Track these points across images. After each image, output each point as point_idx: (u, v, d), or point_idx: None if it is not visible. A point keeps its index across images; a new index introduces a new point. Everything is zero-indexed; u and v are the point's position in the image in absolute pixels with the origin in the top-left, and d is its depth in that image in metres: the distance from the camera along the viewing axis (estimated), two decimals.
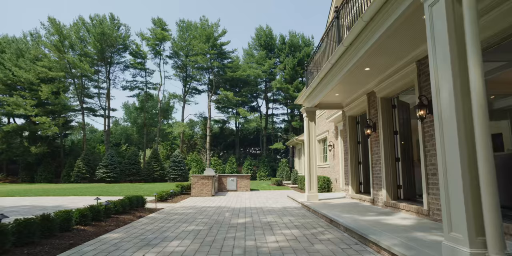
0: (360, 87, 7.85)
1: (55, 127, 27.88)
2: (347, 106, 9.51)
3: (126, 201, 7.27)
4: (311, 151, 9.34)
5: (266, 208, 8.71)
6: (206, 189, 13.41)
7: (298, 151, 23.06)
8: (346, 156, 9.68)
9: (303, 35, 37.47)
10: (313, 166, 9.28)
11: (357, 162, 9.30)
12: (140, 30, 38.22)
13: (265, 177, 31.33)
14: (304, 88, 13.57)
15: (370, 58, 5.74)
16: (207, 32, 33.35)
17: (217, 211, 8.23)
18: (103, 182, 28.72)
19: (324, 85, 7.59)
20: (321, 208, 7.17)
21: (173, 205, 9.63)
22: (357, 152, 9.35)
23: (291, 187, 18.31)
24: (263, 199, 11.47)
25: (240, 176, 16.11)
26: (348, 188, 9.41)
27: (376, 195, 7.42)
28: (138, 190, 15.78)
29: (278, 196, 12.94)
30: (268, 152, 38.96)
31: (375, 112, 7.51)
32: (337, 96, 8.96)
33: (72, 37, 30.47)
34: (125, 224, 6.02)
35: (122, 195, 13.26)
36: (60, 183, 28.56)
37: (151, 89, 37.42)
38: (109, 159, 29.34)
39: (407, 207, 5.88)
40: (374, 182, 7.56)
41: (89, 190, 16.27)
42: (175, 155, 31.10)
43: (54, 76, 28.58)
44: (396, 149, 7.03)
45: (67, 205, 9.69)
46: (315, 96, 8.66)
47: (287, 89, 33.35)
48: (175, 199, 11.59)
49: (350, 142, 9.40)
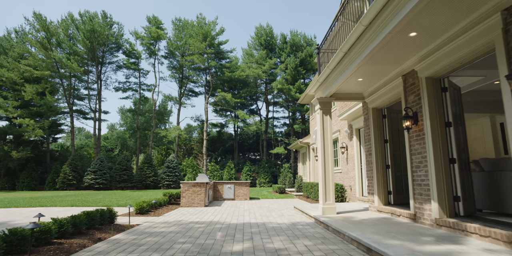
0: (393, 66, 6.00)
1: (39, 130, 25.89)
2: (370, 96, 7.65)
3: (83, 218, 5.33)
4: (327, 153, 7.44)
5: (270, 225, 6.78)
6: (198, 198, 11.46)
7: (302, 155, 21.14)
8: (369, 159, 7.79)
9: (305, 34, 35.84)
10: (329, 172, 7.37)
11: (384, 165, 7.40)
12: (134, 28, 36.33)
13: (265, 184, 29.33)
14: (315, 76, 11.78)
15: (422, 15, 3.92)
16: (204, 30, 31.65)
17: (207, 229, 6.29)
18: (92, 189, 26.68)
19: (346, 64, 5.74)
20: (346, 227, 5.25)
21: (153, 220, 7.68)
22: (384, 153, 7.46)
23: (296, 195, 16.36)
24: (265, 211, 9.52)
25: (238, 183, 14.17)
26: (373, 198, 7.49)
27: (419, 209, 5.50)
28: (123, 199, 13.81)
29: (282, 206, 11.00)
30: (268, 157, 37.00)
31: (416, 99, 5.64)
32: (360, 82, 7.10)
33: (60, 35, 28.70)
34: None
35: (102, 205, 11.30)
36: (44, 190, 26.52)
37: (146, 91, 35.62)
38: (98, 165, 27.32)
39: (485, 232, 3.96)
40: (415, 192, 5.65)
41: (65, 199, 14.27)
42: (170, 160, 29.12)
43: (39, 76, 26.69)
44: (449, 146, 5.14)
45: (11, 222, 7.73)
46: (332, 81, 6.81)
47: (288, 90, 31.50)
48: (159, 211, 9.63)
49: (375, 141, 7.51)
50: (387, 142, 7.43)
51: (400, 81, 6.09)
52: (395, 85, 6.34)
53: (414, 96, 5.68)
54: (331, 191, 7.32)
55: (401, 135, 7.48)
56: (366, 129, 8.02)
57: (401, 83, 6.07)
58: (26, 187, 26.71)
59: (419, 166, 5.50)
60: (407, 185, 7.29)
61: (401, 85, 6.09)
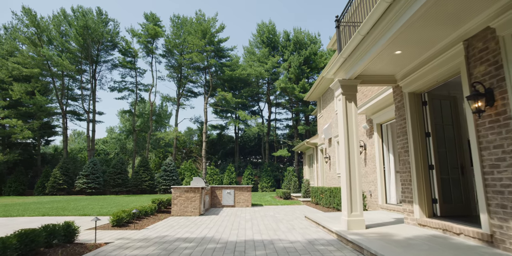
0: (451, 28, 4.38)
1: (28, 131, 24.29)
2: (405, 78, 6.02)
3: (11, 241, 3.68)
4: (352, 151, 5.81)
5: (280, 244, 5.12)
6: (191, 206, 9.80)
7: (309, 157, 19.46)
8: (405, 157, 6.13)
9: (309, 32, 34.36)
10: (355, 174, 5.73)
11: (426, 165, 5.74)
12: (131, 26, 34.90)
13: (268, 188, 27.61)
14: (333, 56, 10.14)
15: None
16: (203, 27, 30.15)
17: (195, 252, 4.64)
18: (83, 194, 25.02)
19: (386, 26, 4.15)
20: (393, 253, 3.59)
21: (131, 236, 6.03)
22: (426, 150, 5.81)
23: (303, 201, 14.67)
24: (270, 222, 7.85)
25: (239, 188, 12.51)
26: (411, 208, 5.82)
27: (501, 229, 3.84)
28: (108, 206, 12.15)
29: (290, 215, 9.32)
30: (271, 160, 35.28)
31: (489, 69, 4.02)
32: (394, 59, 5.48)
33: (51, 32, 27.24)
34: None
35: (79, 214, 9.65)
36: (33, 195, 24.86)
37: (142, 91, 34.02)
38: (90, 168, 25.65)
39: None
40: (491, 202, 4.00)
41: (43, 206, 12.63)
42: (167, 163, 27.45)
43: (28, 74, 25.17)
44: None
45: None
46: (361, 56, 5.20)
47: (292, 89, 29.84)
48: (143, 222, 7.98)
49: (414, 135, 5.87)
50: (429, 136, 5.78)
51: (459, 49, 4.46)
52: (449, 57, 4.71)
53: (486, 66, 4.05)
54: (358, 199, 5.67)
55: (446, 128, 5.83)
56: (400, 120, 6.37)
57: (461, 51, 4.44)
58: (14, 192, 25.06)
59: (498, 165, 3.85)
60: (459, 191, 5.62)
61: (460, 55, 4.46)
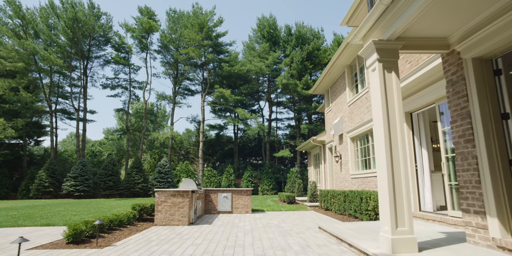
0: None
1: (11, 130, 22.55)
2: (467, 38, 4.32)
3: None
4: (394, 139, 4.13)
5: None
6: (179, 213, 8.07)
7: (314, 157, 17.74)
8: (465, 149, 4.43)
9: (311, 27, 32.71)
10: (399, 172, 4.03)
11: (506, 160, 4.02)
12: (124, 20, 33.28)
13: (269, 191, 25.88)
14: (366, 9, 7.98)
15: None
16: (200, 20, 28.51)
17: None
18: (71, 197, 23.28)
19: None
20: None
21: None
22: (504, 138, 4.09)
23: (310, 206, 12.94)
24: (277, 235, 6.12)
25: (238, 191, 10.79)
26: (484, 222, 4.10)
27: None
28: (86, 212, 10.40)
29: (299, 225, 7.58)
30: (272, 161, 33.54)
31: None
32: (453, 11, 3.77)
33: (38, 24, 25.58)
34: None
35: (43, 224, 7.85)
36: (16, 199, 23.09)
37: (137, 89, 32.36)
38: (79, 169, 23.91)
39: None
40: None
41: (8, 213, 10.88)
42: (162, 165, 25.74)
43: (12, 69, 23.48)
44: None
45: None
46: (408, 4, 3.50)
47: (294, 86, 28.14)
48: (115, 235, 6.24)
49: (484, 117, 4.16)
50: (507, 117, 4.07)
51: None
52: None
53: None
54: (406, 209, 3.95)
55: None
56: (456, 99, 4.65)
57: None
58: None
59: None
60: None
61: None
